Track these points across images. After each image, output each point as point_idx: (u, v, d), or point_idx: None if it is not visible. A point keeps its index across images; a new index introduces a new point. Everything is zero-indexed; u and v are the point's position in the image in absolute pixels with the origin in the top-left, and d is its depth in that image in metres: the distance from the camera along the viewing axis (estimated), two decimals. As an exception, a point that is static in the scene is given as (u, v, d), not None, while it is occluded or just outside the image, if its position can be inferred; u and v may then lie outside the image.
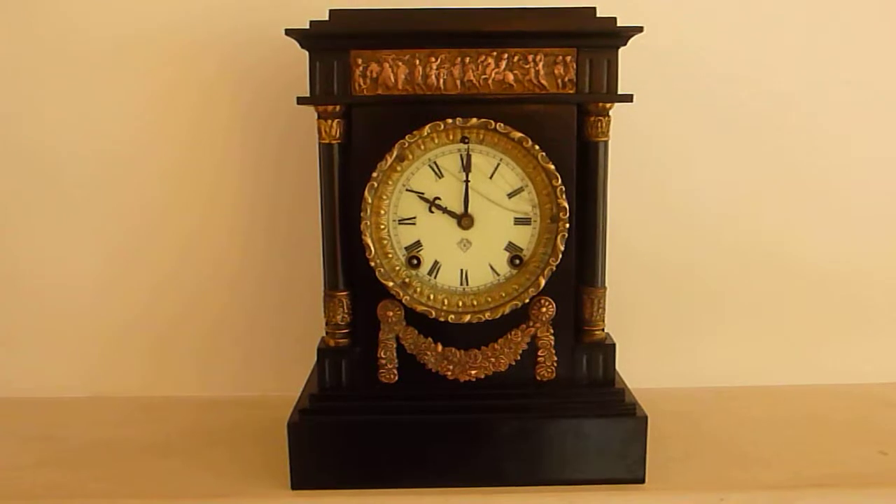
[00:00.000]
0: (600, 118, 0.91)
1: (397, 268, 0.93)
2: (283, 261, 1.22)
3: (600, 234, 0.94)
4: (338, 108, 0.91)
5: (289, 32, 0.88)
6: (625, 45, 0.90)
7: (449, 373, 0.95)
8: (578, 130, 0.92)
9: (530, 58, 0.90)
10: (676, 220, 1.23)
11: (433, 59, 0.90)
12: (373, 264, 0.92)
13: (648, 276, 1.23)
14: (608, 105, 0.91)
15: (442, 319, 0.93)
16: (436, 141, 0.91)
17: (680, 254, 1.23)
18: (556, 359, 0.95)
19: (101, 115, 1.18)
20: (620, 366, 0.99)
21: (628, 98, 0.91)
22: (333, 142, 0.91)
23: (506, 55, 0.90)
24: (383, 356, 0.95)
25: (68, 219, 1.20)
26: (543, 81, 0.91)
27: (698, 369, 1.23)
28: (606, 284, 0.96)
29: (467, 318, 0.93)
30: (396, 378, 0.95)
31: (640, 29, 0.89)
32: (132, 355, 1.23)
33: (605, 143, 0.93)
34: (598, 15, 0.91)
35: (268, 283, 1.23)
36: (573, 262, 0.94)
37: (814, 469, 0.97)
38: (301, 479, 0.93)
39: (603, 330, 0.97)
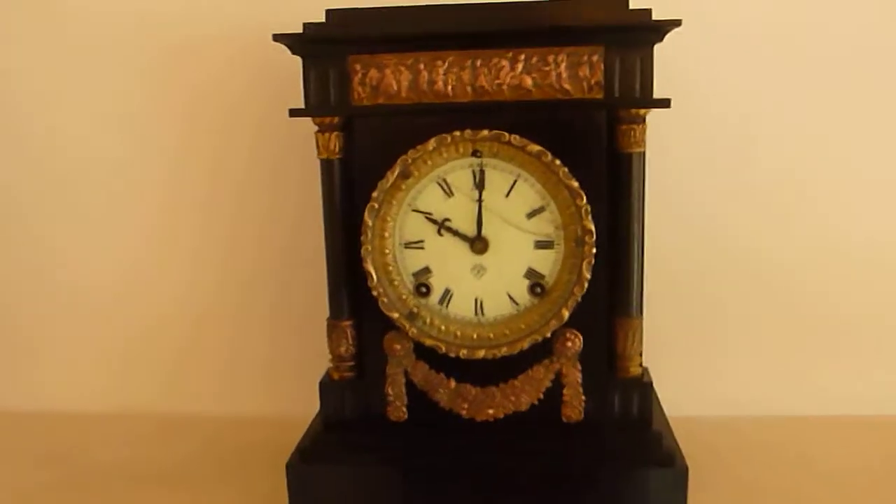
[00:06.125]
0: (633, 126, 0.79)
1: (404, 296, 0.84)
2: (309, 271, 1.14)
3: (635, 259, 0.82)
4: (336, 119, 0.82)
5: (277, 38, 0.79)
6: (661, 41, 0.78)
7: (464, 411, 0.86)
8: (609, 140, 0.80)
9: (550, 58, 0.79)
10: (708, 239, 1.10)
11: (440, 63, 0.80)
12: (375, 293, 0.83)
13: (680, 298, 1.11)
14: (642, 111, 0.79)
15: (453, 355, 0.83)
16: (444, 155, 0.81)
17: (713, 274, 1.11)
18: (583, 398, 0.84)
19: (107, 127, 1.13)
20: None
21: (665, 103, 0.78)
22: (333, 157, 0.83)
23: (522, 56, 0.79)
24: (391, 392, 0.86)
25: (81, 231, 1.16)
26: (566, 85, 0.79)
27: (736, 396, 1.10)
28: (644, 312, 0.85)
29: (481, 353, 0.83)
30: (406, 416, 0.86)
31: (678, 22, 0.76)
32: (150, 370, 1.18)
33: (641, 154, 0.81)
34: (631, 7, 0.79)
35: (292, 295, 1.15)
36: (604, 290, 0.83)
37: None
38: (303, 524, 0.86)
39: (640, 365, 0.85)
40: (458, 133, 0.79)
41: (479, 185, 0.81)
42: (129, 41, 1.10)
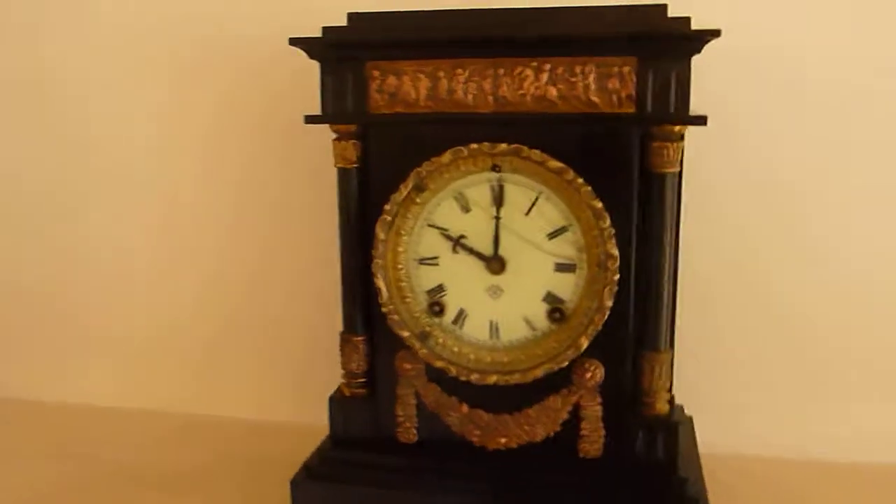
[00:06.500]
0: (667, 144, 0.72)
1: (416, 314, 0.80)
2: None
3: (666, 288, 0.76)
4: (353, 127, 0.78)
5: (294, 42, 0.77)
6: (699, 52, 0.71)
7: (475, 438, 0.81)
8: (641, 159, 0.74)
9: (578, 69, 0.73)
10: (754, 268, 1.00)
11: (460, 72, 0.75)
12: (385, 311, 0.79)
13: (734, 331, 1.02)
14: (677, 128, 0.72)
15: (463, 379, 0.79)
16: (461, 169, 0.76)
17: (767, 306, 1.01)
18: (603, 433, 0.79)
19: (139, 125, 1.14)
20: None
21: (702, 120, 0.72)
22: (349, 166, 0.79)
23: (548, 66, 0.73)
24: (401, 413, 0.82)
25: (109, 226, 1.17)
26: (594, 98, 0.73)
27: (806, 437, 1.01)
28: (677, 346, 0.78)
29: (493, 378, 0.78)
30: (416, 438, 0.83)
31: (717, 33, 0.69)
32: (181, 368, 1.18)
33: (675, 174, 0.74)
34: (671, 15, 0.72)
35: (332, 301, 1.13)
36: (630, 320, 0.77)
37: None
38: (306, 543, 0.83)
39: (668, 402, 0.79)
40: (474, 146, 0.75)
41: (498, 201, 0.77)
42: (161, 40, 1.10)
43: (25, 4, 1.13)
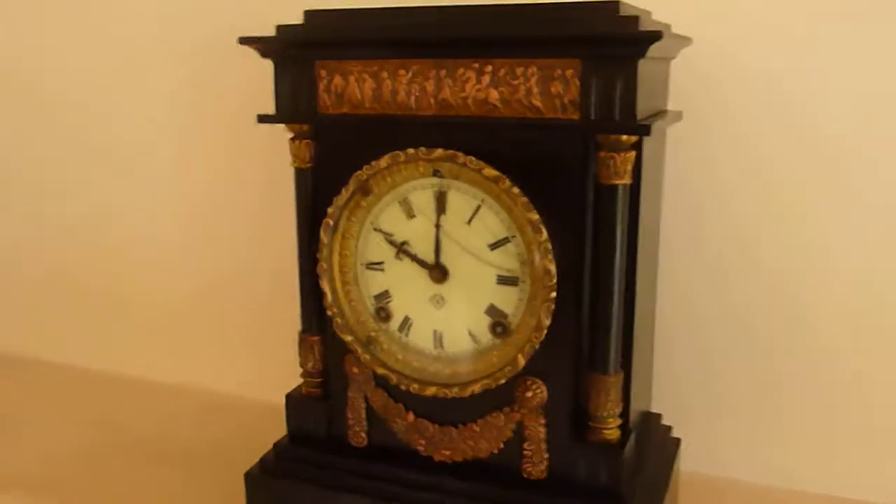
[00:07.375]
0: (613, 154, 0.67)
1: (363, 319, 0.78)
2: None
3: (616, 306, 0.70)
4: (305, 127, 0.77)
5: (244, 41, 0.76)
6: (643, 56, 0.64)
7: (421, 448, 0.79)
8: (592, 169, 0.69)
9: (520, 71, 0.68)
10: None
11: (403, 72, 0.72)
12: (330, 313, 0.78)
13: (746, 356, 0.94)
14: (625, 138, 0.66)
15: (403, 388, 0.77)
16: (403, 173, 0.73)
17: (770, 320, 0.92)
18: (546, 455, 0.75)
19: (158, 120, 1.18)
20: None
21: (644, 129, 0.65)
22: (304, 166, 0.78)
23: (489, 67, 0.69)
24: (351, 416, 0.82)
25: (135, 203, 1.23)
26: (537, 102, 0.68)
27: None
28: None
29: (432, 390, 0.76)
30: (366, 442, 0.82)
31: (658, 35, 0.62)
32: (216, 348, 1.21)
33: (626, 187, 0.68)
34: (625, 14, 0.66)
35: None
36: (584, 339, 0.72)
37: None
38: (258, 534, 0.84)
39: (617, 428, 0.73)
40: (411, 150, 0.72)
41: (439, 208, 0.73)
42: (168, 36, 1.13)
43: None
